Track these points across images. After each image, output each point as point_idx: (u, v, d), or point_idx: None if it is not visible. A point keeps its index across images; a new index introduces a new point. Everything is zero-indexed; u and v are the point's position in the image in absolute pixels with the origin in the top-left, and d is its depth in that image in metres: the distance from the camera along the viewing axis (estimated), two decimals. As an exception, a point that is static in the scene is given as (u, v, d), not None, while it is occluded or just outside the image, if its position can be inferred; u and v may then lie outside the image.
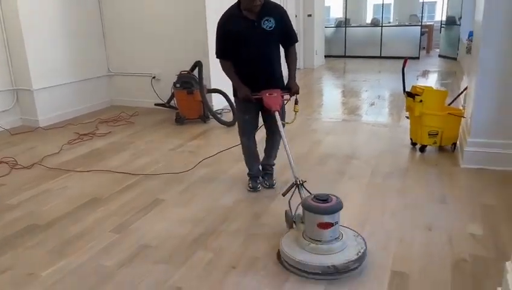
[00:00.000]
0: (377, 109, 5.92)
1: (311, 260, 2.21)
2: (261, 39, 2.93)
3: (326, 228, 2.23)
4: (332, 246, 2.25)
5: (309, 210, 2.27)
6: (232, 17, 2.93)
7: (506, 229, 2.57)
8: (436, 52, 11.92)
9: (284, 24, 2.99)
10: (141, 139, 4.75)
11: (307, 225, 2.31)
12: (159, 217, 2.94)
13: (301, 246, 2.29)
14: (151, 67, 6.10)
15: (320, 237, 2.25)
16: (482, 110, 3.47)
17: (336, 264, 2.17)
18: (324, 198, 2.26)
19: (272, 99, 2.91)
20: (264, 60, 3.00)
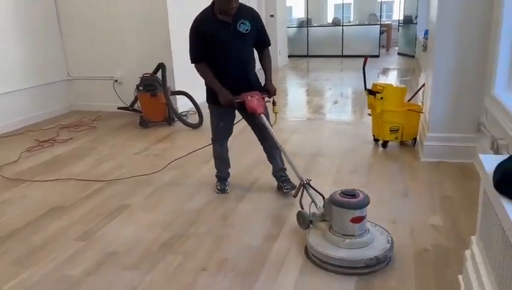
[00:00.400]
0: (340, 107, 6.04)
1: (353, 255, 2.23)
2: (237, 42, 2.90)
3: (359, 222, 2.28)
4: (365, 238, 2.30)
5: (341, 206, 2.29)
6: (207, 20, 2.87)
7: (465, 218, 2.69)
8: (395, 50, 12.30)
9: (259, 27, 2.99)
10: (104, 144, 4.65)
11: (338, 221, 2.32)
12: (126, 222, 2.89)
13: (334, 243, 2.30)
14: (112, 70, 5.98)
15: (354, 231, 2.29)
16: (438, 105, 3.61)
17: (378, 255, 2.21)
18: (352, 193, 2.31)
19: (255, 102, 2.88)
20: (241, 63, 2.97)
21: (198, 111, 5.21)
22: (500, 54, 3.14)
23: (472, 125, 3.55)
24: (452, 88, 3.55)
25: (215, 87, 2.93)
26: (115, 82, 5.96)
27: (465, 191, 3.08)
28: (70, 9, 5.95)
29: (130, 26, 5.72)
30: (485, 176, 1.66)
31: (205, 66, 2.93)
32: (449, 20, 3.41)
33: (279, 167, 3.21)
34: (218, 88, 2.92)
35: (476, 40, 3.41)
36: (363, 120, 5.10)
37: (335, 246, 2.29)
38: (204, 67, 2.94)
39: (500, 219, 1.46)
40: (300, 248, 2.48)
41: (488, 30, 3.34)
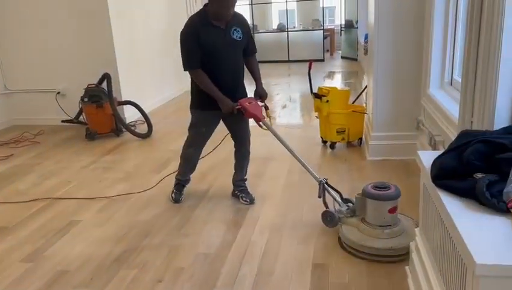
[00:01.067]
0: (288, 111, 6.17)
1: (399, 242, 2.34)
2: (230, 49, 2.85)
3: (395, 211, 2.41)
4: (400, 227, 2.43)
5: (379, 199, 2.39)
6: (202, 25, 2.76)
7: (409, 212, 2.83)
8: (339, 53, 12.71)
9: (249, 34, 2.97)
10: (49, 159, 4.46)
11: (375, 213, 2.41)
12: (76, 239, 2.79)
13: (375, 236, 2.39)
14: (54, 82, 5.74)
15: (391, 221, 2.41)
16: (380, 106, 3.80)
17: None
18: (385, 185, 2.43)
19: (255, 108, 2.86)
20: (233, 70, 2.92)
21: (147, 120, 5.13)
22: (433, 56, 3.36)
23: (412, 123, 3.76)
24: (392, 89, 3.74)
25: (214, 94, 2.82)
26: (57, 94, 5.73)
27: (408, 186, 3.24)
28: (3, 21, 5.66)
29: (71, 36, 5.52)
30: (424, 171, 1.78)
31: (202, 72, 2.81)
32: (386, 24, 3.60)
33: (242, 177, 3.24)
34: (218, 96, 2.82)
35: (411, 43, 3.62)
36: (311, 123, 5.24)
37: (377, 239, 2.38)
38: (201, 73, 2.81)
39: (438, 210, 1.57)
40: (256, 252, 2.51)
41: (422, 34, 3.56)
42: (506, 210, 1.33)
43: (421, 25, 3.54)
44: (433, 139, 3.11)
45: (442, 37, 3.28)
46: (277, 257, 2.45)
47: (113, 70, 5.23)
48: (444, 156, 1.67)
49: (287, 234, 2.70)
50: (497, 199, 1.35)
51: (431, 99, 3.32)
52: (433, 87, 3.41)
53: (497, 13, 1.71)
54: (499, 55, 1.72)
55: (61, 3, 5.42)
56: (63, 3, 5.42)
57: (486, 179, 1.41)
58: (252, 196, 3.19)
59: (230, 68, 2.89)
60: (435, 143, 3.06)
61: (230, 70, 2.89)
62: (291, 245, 2.57)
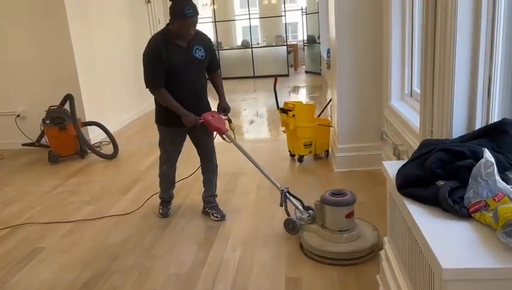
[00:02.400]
0: (256, 126, 6.21)
1: (357, 246, 2.46)
2: (193, 67, 2.90)
3: (352, 216, 2.54)
4: (358, 230, 2.56)
5: (336, 205, 2.51)
6: (164, 44, 2.80)
7: (377, 221, 2.88)
8: (303, 68, 12.96)
9: (212, 52, 3.07)
10: (9, 185, 4.28)
11: (333, 219, 2.53)
12: (41, 267, 2.68)
13: (335, 240, 2.50)
14: (13, 104, 5.55)
15: (348, 225, 2.53)
16: (345, 118, 3.89)
17: (375, 241, 2.48)
18: (341, 192, 2.56)
19: (218, 122, 2.94)
20: (196, 87, 2.98)
21: (113, 141, 5.03)
22: (393, 69, 3.48)
23: (376, 134, 3.87)
24: (355, 102, 3.84)
25: (177, 111, 2.86)
26: (17, 117, 5.54)
27: (375, 196, 3.32)
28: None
29: (30, 56, 5.38)
30: (389, 181, 1.83)
31: (164, 90, 2.84)
32: (346, 39, 3.71)
33: (212, 193, 3.25)
34: (181, 112, 2.86)
35: (372, 57, 3.74)
36: (278, 137, 5.29)
37: (336, 243, 2.49)
38: (163, 91, 2.84)
39: (404, 218, 1.62)
40: (229, 269, 2.49)
41: (381, 48, 3.69)
42: (467, 215, 1.38)
43: (381, 39, 3.68)
44: (396, 149, 3.21)
45: (400, 51, 3.42)
46: (250, 274, 2.44)
47: (75, 91, 5.12)
48: (407, 165, 1.73)
49: (259, 249, 2.70)
50: (459, 205, 1.41)
51: (393, 110, 3.43)
52: (394, 99, 3.53)
53: (450, 27, 1.80)
54: (453, 66, 1.81)
55: (20, 24, 5.28)
56: (23, 24, 5.27)
57: (448, 186, 1.46)
58: (222, 212, 3.19)
59: (193, 85, 2.94)
60: (399, 153, 3.16)
61: (193, 87, 2.95)
62: (264, 260, 2.57)
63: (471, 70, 1.80)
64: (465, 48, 1.78)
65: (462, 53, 1.79)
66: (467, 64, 1.81)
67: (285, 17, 12.32)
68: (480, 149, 1.50)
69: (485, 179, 1.37)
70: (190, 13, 2.69)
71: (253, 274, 2.43)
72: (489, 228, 1.31)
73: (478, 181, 1.38)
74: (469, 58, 1.80)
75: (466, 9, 1.75)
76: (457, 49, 1.79)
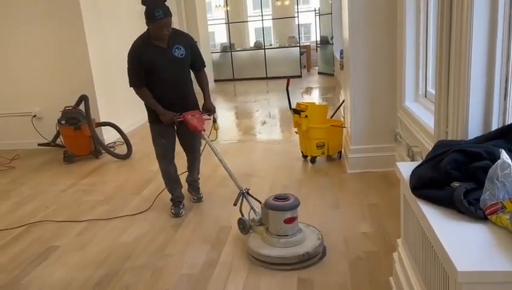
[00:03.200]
0: (268, 127, 6.21)
1: (287, 253, 2.45)
2: (173, 66, 3.06)
3: (291, 222, 2.51)
4: (298, 237, 2.53)
5: (275, 209, 2.51)
6: (144, 46, 3.01)
7: (390, 223, 2.87)
8: (316, 69, 12.91)
9: (194, 51, 3.18)
10: (25, 184, 4.35)
11: (273, 223, 2.54)
12: (55, 265, 2.72)
13: (271, 244, 2.52)
14: (30, 105, 5.65)
15: (287, 231, 2.51)
16: (358, 119, 3.86)
17: (309, 251, 2.45)
18: (283, 197, 2.55)
19: (196, 120, 3.07)
20: (177, 86, 3.12)
21: (126, 141, 5.08)
22: (407, 70, 3.45)
23: (389, 135, 3.83)
24: (369, 103, 3.81)
25: (156, 109, 3.07)
26: (33, 117, 5.63)
27: (388, 198, 3.29)
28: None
29: (46, 57, 5.47)
30: (403, 182, 1.80)
31: (145, 90, 3.06)
32: (360, 40, 3.68)
33: (194, 179, 3.53)
34: (158, 110, 3.06)
35: (385, 58, 3.71)
36: (291, 138, 5.27)
37: (271, 247, 2.50)
38: (143, 91, 3.07)
39: (419, 220, 1.60)
40: (240, 270, 2.49)
41: (395, 49, 3.66)
42: (483, 217, 1.36)
43: (394, 39, 3.64)
44: (410, 151, 3.17)
45: (415, 51, 3.38)
46: (262, 275, 2.43)
47: (90, 92, 5.19)
48: (421, 166, 1.71)
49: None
50: (474, 207, 1.38)
51: (407, 111, 3.40)
52: (408, 100, 3.50)
53: (465, 26, 1.78)
54: (469, 66, 1.78)
55: (37, 27, 5.37)
56: (40, 27, 5.36)
57: (464, 188, 1.44)
58: (200, 195, 3.51)
59: (174, 83, 3.10)
60: (413, 154, 3.12)
61: (174, 86, 3.10)
62: (276, 261, 2.55)
63: (488, 70, 1.77)
64: (481, 47, 1.75)
65: (478, 53, 1.76)
66: (483, 64, 1.77)
67: (298, 18, 12.30)
68: (497, 150, 1.47)
69: (502, 181, 1.35)
70: (160, 15, 2.86)
71: (264, 276, 2.42)
72: (506, 231, 1.28)
73: (494, 183, 1.36)
74: (485, 58, 1.76)
75: (482, 8, 1.72)
76: (473, 49, 1.76)
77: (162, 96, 3.07)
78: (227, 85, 11.46)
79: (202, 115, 3.18)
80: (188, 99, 3.22)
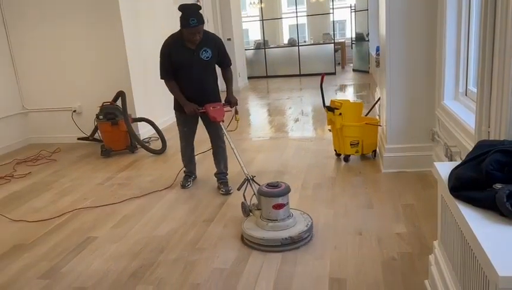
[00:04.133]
0: (301, 125, 6.17)
1: (273, 235, 2.65)
2: (198, 66, 3.40)
3: (280, 208, 2.71)
4: (286, 222, 2.72)
5: (265, 195, 2.74)
6: (175, 45, 3.35)
7: (426, 224, 2.79)
8: (351, 66, 12.73)
9: (220, 52, 3.49)
10: (65, 176, 4.52)
11: (264, 208, 2.76)
12: (93, 255, 2.81)
13: (261, 227, 2.74)
14: (70, 100, 5.86)
15: (276, 216, 2.72)
16: (394, 118, 3.77)
17: (292, 235, 2.63)
18: (275, 184, 2.76)
19: (216, 112, 3.40)
20: (200, 83, 3.46)
21: (161, 137, 5.18)
22: (446, 67, 3.34)
23: (427, 135, 3.73)
24: (405, 100, 3.72)
25: (180, 100, 3.45)
26: (73, 112, 5.83)
27: (425, 198, 3.21)
28: (22, 40, 5.81)
29: (87, 55, 5.65)
30: (441, 183, 1.75)
31: (173, 83, 3.44)
32: (398, 36, 3.59)
33: (220, 170, 3.74)
34: (183, 101, 3.44)
35: (424, 55, 3.61)
36: (324, 136, 5.23)
37: (261, 229, 2.73)
38: (172, 83, 3.45)
39: (457, 222, 1.55)
40: (272, 267, 2.49)
41: (434, 44, 3.55)
42: (528, 221, 1.30)
43: (434, 35, 3.53)
44: (449, 151, 3.08)
45: (456, 47, 3.27)
46: (293, 273, 2.42)
47: (127, 88, 5.32)
48: (461, 166, 1.65)
49: (302, 248, 2.67)
50: (518, 210, 1.33)
51: (446, 110, 3.29)
52: (448, 98, 3.39)
53: (511, 21, 1.70)
54: (514, 64, 1.71)
55: (78, 26, 5.56)
56: (80, 26, 5.55)
57: (506, 190, 1.38)
58: (228, 188, 3.63)
59: (198, 82, 3.44)
60: (451, 154, 3.03)
61: (198, 84, 3.45)
62: (308, 260, 2.54)
63: (535, 68, 1.69)
64: (528, 43, 1.68)
65: (525, 49, 1.68)
66: (530, 60, 1.69)
67: (333, 15, 12.14)
68: (543, 151, 1.40)
69: (548, 183, 1.28)
70: (194, 23, 3.16)
71: (296, 273, 2.41)
72: (552, 236, 1.22)
73: (540, 185, 1.30)
74: (532, 54, 1.69)
75: (530, 2, 1.64)
76: (519, 45, 1.68)
77: (187, 90, 3.44)
78: (260, 82, 11.47)
79: (224, 106, 3.48)
80: (210, 93, 3.52)
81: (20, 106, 6.02)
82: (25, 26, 5.73)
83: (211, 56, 3.38)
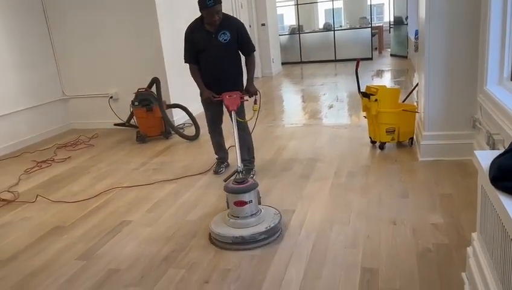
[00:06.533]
0: (335, 111, 6.06)
1: (226, 232, 2.62)
2: (216, 50, 3.43)
3: (242, 205, 2.65)
4: (247, 221, 2.65)
5: (227, 191, 2.71)
6: (196, 28, 3.45)
7: (465, 215, 2.68)
8: (388, 51, 12.36)
9: (240, 36, 3.49)
10: (102, 161, 4.65)
11: (229, 204, 2.73)
12: (127, 239, 2.88)
13: (225, 222, 2.72)
14: (107, 87, 6.00)
15: (238, 213, 2.68)
16: (433, 104, 3.63)
17: (244, 235, 2.57)
18: (241, 180, 2.68)
19: (231, 100, 3.37)
20: (220, 67, 3.48)
21: (195, 123, 5.22)
22: (490, 50, 3.16)
23: (467, 122, 3.56)
24: (445, 86, 3.56)
25: (199, 86, 3.55)
26: (110, 99, 5.97)
27: (464, 188, 3.08)
28: (62, 29, 5.98)
29: (122, 43, 5.75)
30: (482, 172, 1.66)
31: (194, 67, 3.54)
32: (438, 19, 3.43)
33: (244, 158, 3.61)
34: (200, 87, 3.54)
35: (465, 38, 3.43)
36: (359, 123, 5.11)
37: (224, 225, 2.69)
38: (193, 67, 3.54)
39: (498, 214, 1.46)
40: (302, 254, 2.47)
41: (477, 27, 3.36)
42: None
43: (477, 17, 3.34)
44: (491, 138, 2.93)
45: (501, 27, 3.07)
46: (324, 261, 2.39)
47: (162, 75, 5.38)
48: (504, 155, 1.55)
49: (334, 237, 2.64)
50: None
51: (489, 96, 3.13)
52: (491, 83, 3.21)
53: None
54: None
55: (115, 14, 5.66)
56: (117, 14, 5.65)
57: (553, 181, 1.29)
58: (251, 176, 3.53)
59: (217, 65, 3.47)
60: (494, 142, 2.88)
61: (217, 67, 3.48)
62: (339, 248, 2.51)
63: None
64: None
65: None
66: None
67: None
68: None
69: None
70: (210, 3, 3.22)
71: (326, 262, 2.38)
72: None
73: None
74: None
75: None
76: None
77: (206, 75, 3.51)
78: (295, 68, 11.34)
79: (242, 96, 3.46)
80: (230, 79, 3.53)
81: (60, 92, 6.22)
82: (64, 14, 5.89)
83: (229, 39, 3.40)
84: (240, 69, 3.61)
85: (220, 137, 3.86)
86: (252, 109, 3.47)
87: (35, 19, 5.84)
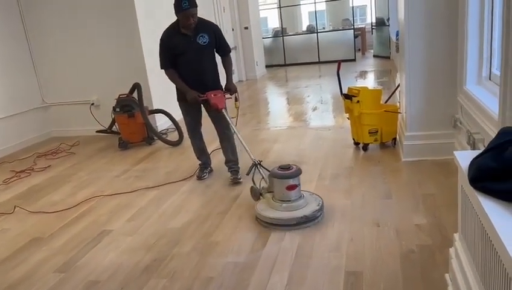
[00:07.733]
0: (319, 113, 6.06)
1: (289, 215, 2.78)
2: (196, 52, 3.45)
3: (293, 189, 2.83)
4: (298, 203, 2.85)
5: (278, 177, 2.84)
6: (172, 33, 3.45)
7: (448, 215, 2.68)
8: (371, 52, 12.44)
9: (217, 39, 3.55)
10: (83, 169, 4.56)
11: (277, 190, 2.87)
12: (107, 249, 2.81)
13: (275, 208, 2.85)
14: (88, 94, 5.90)
15: (289, 197, 2.84)
16: (414, 105, 3.64)
17: (307, 214, 2.75)
18: (287, 167, 2.86)
19: (217, 99, 3.44)
20: (199, 69, 3.50)
21: (178, 128, 5.16)
22: (469, 50, 3.18)
23: (448, 121, 3.58)
24: (426, 86, 3.58)
25: (182, 88, 3.50)
26: (91, 105, 5.87)
27: (446, 188, 3.08)
28: (40, 35, 5.87)
29: (103, 48, 5.66)
30: (461, 173, 1.65)
31: (173, 72, 3.49)
32: (417, 20, 3.44)
33: (229, 159, 3.73)
34: (185, 89, 3.47)
35: (444, 38, 3.45)
36: (343, 125, 5.11)
37: (275, 210, 2.83)
38: (172, 72, 3.50)
39: (478, 215, 1.45)
40: (286, 260, 2.44)
41: (455, 28, 3.38)
42: (554, 214, 1.20)
43: (455, 17, 3.36)
44: (471, 138, 2.94)
45: (478, 28, 3.10)
46: (308, 265, 2.37)
47: (143, 80, 5.31)
48: (482, 156, 1.54)
49: (318, 241, 2.61)
50: (544, 202, 1.23)
51: (468, 95, 3.14)
52: (470, 83, 3.23)
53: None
54: (540, 44, 1.58)
55: (94, 19, 5.57)
56: (97, 19, 5.56)
57: (531, 181, 1.28)
58: (238, 177, 3.63)
59: (197, 67, 3.48)
60: (474, 142, 2.89)
61: (197, 69, 3.48)
62: (323, 252, 2.48)
63: None
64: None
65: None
66: (558, 40, 1.57)
67: (353, 0, 11.86)
68: None
69: None
70: (186, 6, 3.24)
71: (311, 266, 2.36)
72: None
73: None
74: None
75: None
76: (546, 23, 1.56)
77: (187, 77, 3.47)
78: (279, 70, 11.34)
79: (224, 94, 3.52)
80: (210, 80, 3.55)
81: (40, 100, 6.10)
82: (42, 21, 5.78)
83: (208, 41, 3.44)
84: (217, 70, 3.65)
85: (201, 141, 3.84)
86: (235, 106, 3.55)
87: (11, 24, 5.72)
